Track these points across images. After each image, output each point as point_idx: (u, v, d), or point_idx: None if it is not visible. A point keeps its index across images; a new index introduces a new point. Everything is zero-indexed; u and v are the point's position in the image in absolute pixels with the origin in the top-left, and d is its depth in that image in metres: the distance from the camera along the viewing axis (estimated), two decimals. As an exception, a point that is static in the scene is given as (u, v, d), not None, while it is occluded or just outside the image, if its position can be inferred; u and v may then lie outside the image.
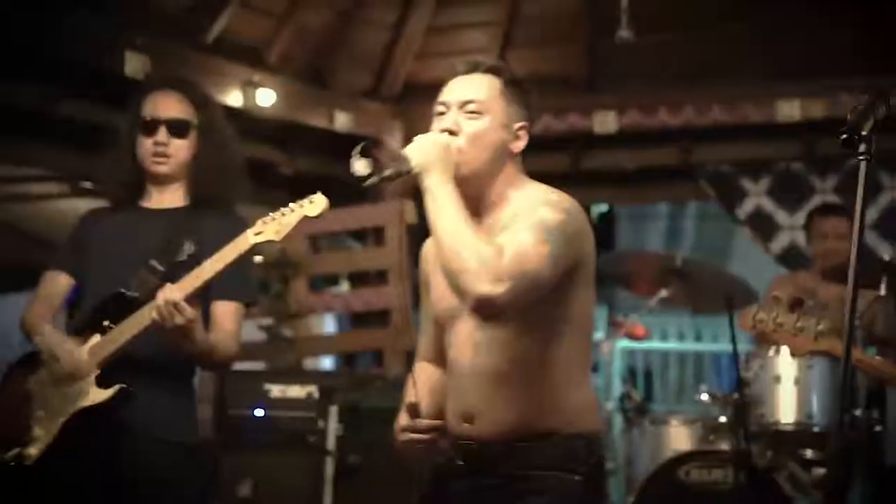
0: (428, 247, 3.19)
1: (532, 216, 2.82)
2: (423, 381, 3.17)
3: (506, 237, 2.78)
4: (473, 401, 2.94)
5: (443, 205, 2.78)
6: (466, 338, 2.96)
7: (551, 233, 2.79)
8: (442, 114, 3.00)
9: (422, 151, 2.84)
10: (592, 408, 3.05)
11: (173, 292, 3.31)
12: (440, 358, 3.18)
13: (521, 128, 3.02)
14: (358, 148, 2.92)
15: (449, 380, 3.06)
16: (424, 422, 3.01)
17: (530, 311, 2.83)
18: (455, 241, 2.73)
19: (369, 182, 2.89)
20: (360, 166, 2.89)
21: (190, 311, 3.30)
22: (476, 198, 2.96)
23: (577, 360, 2.98)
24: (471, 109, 2.95)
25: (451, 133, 2.93)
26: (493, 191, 2.98)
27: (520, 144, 3.02)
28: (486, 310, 2.76)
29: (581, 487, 2.90)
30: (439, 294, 3.04)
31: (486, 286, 2.68)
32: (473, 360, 2.95)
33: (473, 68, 3.04)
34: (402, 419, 3.06)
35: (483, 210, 2.97)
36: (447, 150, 2.87)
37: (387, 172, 2.86)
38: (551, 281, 2.80)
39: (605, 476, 3.06)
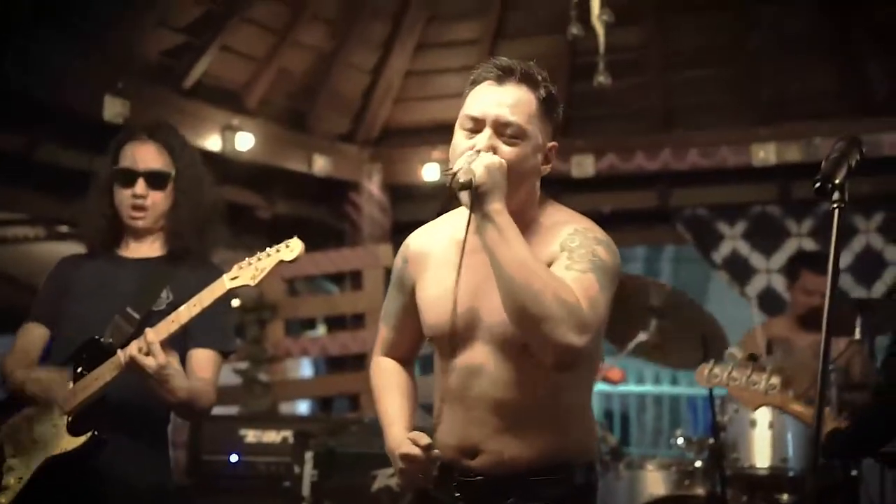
0: (414, 248, 3.01)
1: (589, 254, 2.69)
2: (397, 387, 3.05)
3: (568, 275, 2.64)
4: (480, 436, 2.80)
5: (509, 236, 2.60)
6: (477, 367, 2.79)
7: (607, 276, 2.70)
8: (470, 129, 2.78)
9: (488, 173, 2.62)
10: (593, 434, 2.99)
11: (149, 334, 3.29)
12: (407, 356, 3.10)
13: (551, 148, 2.85)
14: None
15: (447, 408, 2.87)
16: (424, 454, 2.75)
17: None
18: (531, 280, 2.56)
19: (441, 178, 2.72)
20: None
21: (162, 356, 3.27)
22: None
23: (587, 393, 2.93)
24: (510, 133, 2.74)
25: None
26: (526, 215, 2.80)
27: (549, 166, 2.86)
28: (568, 359, 2.59)
29: None
30: (440, 314, 2.83)
31: (573, 337, 2.54)
32: (485, 393, 2.79)
33: (508, 74, 2.81)
34: (403, 446, 2.80)
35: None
36: (505, 178, 2.66)
37: (460, 178, 2.63)
38: (605, 324, 2.72)
39: (596, 501, 2.94)
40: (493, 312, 2.73)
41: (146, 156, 3.72)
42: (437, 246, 2.94)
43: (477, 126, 2.76)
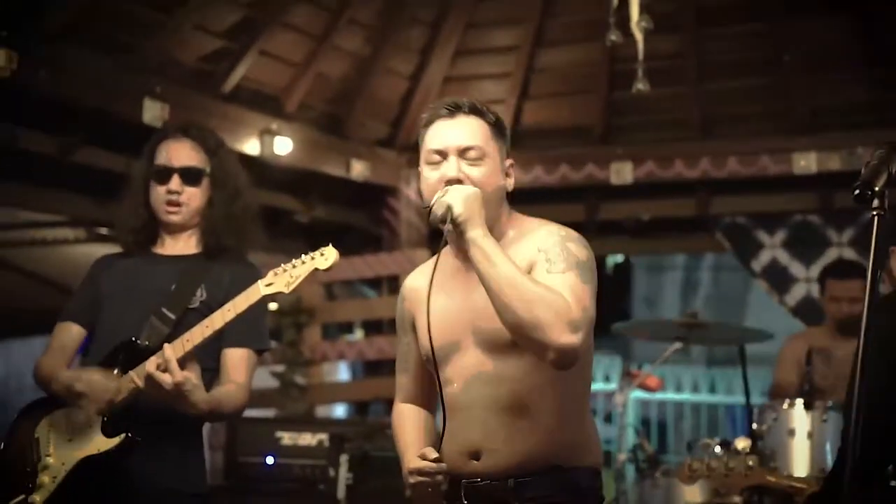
0: (409, 285, 3.21)
1: (564, 252, 2.85)
2: (412, 423, 3.17)
3: (553, 280, 2.78)
4: (481, 436, 2.90)
5: (495, 256, 2.76)
6: (473, 371, 2.91)
7: (587, 270, 2.85)
8: (437, 162, 2.96)
9: (465, 203, 2.81)
10: (596, 439, 3.03)
11: (167, 350, 3.30)
12: (424, 400, 3.19)
13: (510, 165, 3.06)
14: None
15: (449, 418, 2.96)
16: (433, 465, 2.89)
17: None
18: (520, 292, 2.70)
19: (427, 210, 2.88)
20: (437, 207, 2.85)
21: (178, 374, 3.27)
22: None
23: (583, 392, 3.01)
24: (472, 157, 2.94)
25: (458, 182, 2.90)
26: (498, 229, 2.97)
27: (511, 182, 3.06)
28: (569, 359, 2.72)
29: None
30: (434, 331, 2.89)
31: (567, 337, 2.68)
32: (482, 394, 2.90)
33: (456, 109, 3.00)
34: (413, 462, 2.96)
35: None
36: (480, 203, 2.84)
37: (436, 211, 2.83)
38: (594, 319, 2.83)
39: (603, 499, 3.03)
40: (486, 319, 2.85)
41: (181, 152, 3.75)
42: (428, 280, 2.98)
43: (441, 157, 2.96)
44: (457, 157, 2.93)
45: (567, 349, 2.69)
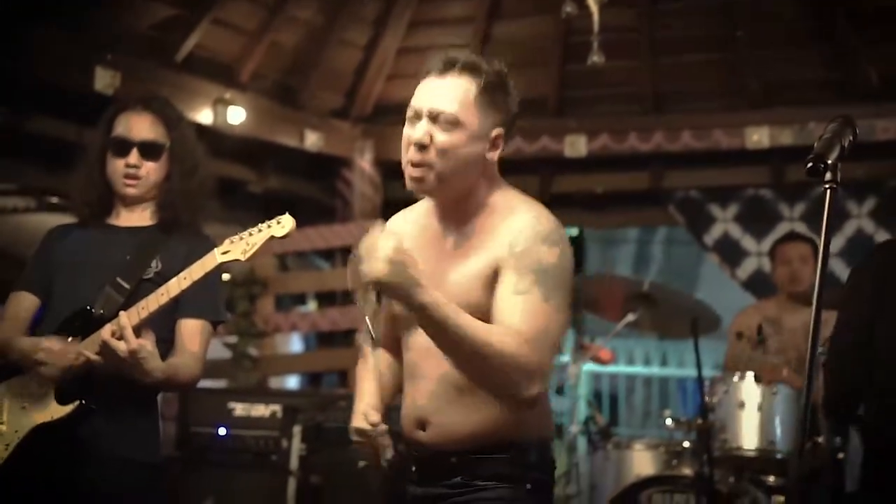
0: (392, 229, 2.99)
1: (529, 263, 2.75)
2: (372, 370, 3.09)
3: (511, 307, 2.71)
4: (429, 408, 2.89)
5: (439, 317, 2.63)
6: (429, 343, 2.78)
7: (553, 278, 2.76)
8: (412, 119, 2.87)
9: (391, 267, 2.61)
10: (546, 414, 2.98)
11: (122, 318, 3.28)
12: (392, 346, 3.12)
13: (497, 135, 2.89)
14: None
15: (406, 385, 2.98)
16: (371, 429, 2.89)
17: None
18: (475, 357, 2.65)
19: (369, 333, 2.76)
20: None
21: (133, 341, 3.26)
22: (454, 205, 2.91)
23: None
24: (443, 121, 2.81)
25: (422, 146, 2.82)
26: (471, 199, 2.89)
27: (496, 153, 2.90)
28: (529, 405, 2.74)
29: (533, 496, 2.87)
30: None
31: (532, 389, 2.69)
32: (433, 366, 2.85)
33: (449, 67, 2.86)
34: (356, 420, 2.97)
35: (462, 217, 2.90)
36: (403, 255, 2.64)
37: (370, 320, 2.74)
38: (565, 328, 2.82)
39: (553, 472, 3.00)
40: (449, 295, 2.74)
41: (141, 126, 3.71)
42: (409, 232, 2.97)
43: (417, 117, 2.85)
44: (428, 119, 2.82)
45: (526, 401, 2.71)
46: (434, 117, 2.82)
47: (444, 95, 2.83)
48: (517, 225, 2.82)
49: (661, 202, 8.71)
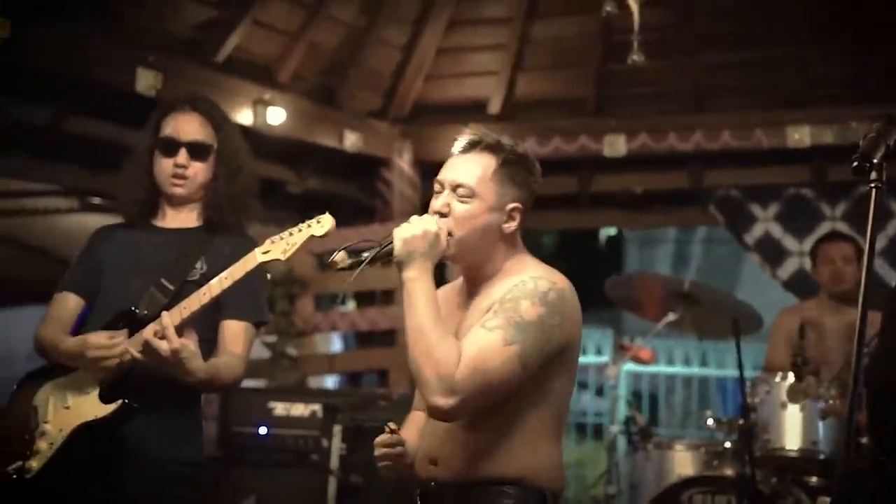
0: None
1: (511, 310, 2.87)
2: (413, 425, 3.24)
3: (474, 336, 2.86)
4: (437, 444, 3.02)
5: (413, 301, 2.88)
6: None
7: (524, 331, 2.85)
8: (437, 192, 3.08)
9: (407, 241, 2.92)
10: (554, 466, 3.04)
11: (164, 318, 3.31)
12: None
13: (514, 209, 3.06)
14: (341, 250, 3.00)
15: (423, 429, 3.12)
16: (391, 437, 3.10)
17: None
18: (417, 344, 2.83)
19: (346, 268, 3.00)
20: (339, 257, 2.98)
21: (176, 341, 3.28)
22: (475, 272, 3.09)
23: (549, 423, 3.02)
24: (461, 193, 3.01)
25: (442, 215, 3.02)
26: (489, 266, 3.07)
27: (513, 225, 3.06)
28: (439, 416, 2.85)
29: None
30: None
31: (437, 398, 2.78)
32: None
33: (473, 146, 3.09)
34: (380, 437, 3.15)
35: (479, 284, 3.08)
36: (434, 241, 2.93)
37: (365, 255, 2.99)
38: (519, 379, 2.86)
39: None
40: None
41: (189, 126, 3.74)
42: (445, 297, 3.17)
43: (441, 189, 3.08)
44: (450, 190, 3.04)
45: (436, 409, 2.81)
46: (454, 188, 3.03)
47: (464, 170, 3.05)
48: (513, 282, 2.96)
49: (700, 202, 8.66)
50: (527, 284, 2.94)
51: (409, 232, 2.93)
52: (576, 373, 3.11)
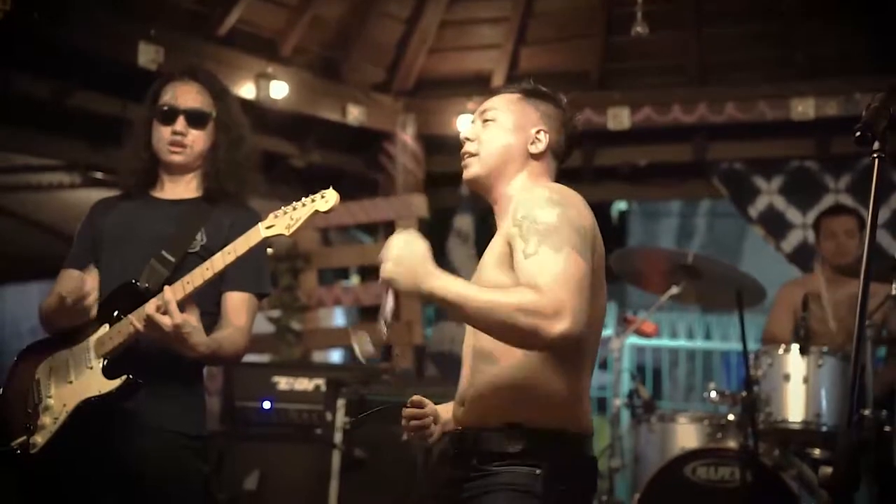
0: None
1: (530, 228, 2.79)
2: None
3: (524, 265, 2.74)
4: (465, 384, 3.02)
5: (456, 298, 2.69)
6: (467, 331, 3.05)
7: (559, 235, 2.77)
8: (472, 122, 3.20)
9: (395, 264, 2.72)
10: (577, 405, 2.93)
11: (167, 292, 3.30)
12: None
13: (539, 131, 3.12)
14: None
15: (465, 367, 3.08)
16: (417, 410, 3.14)
17: None
18: (493, 318, 2.66)
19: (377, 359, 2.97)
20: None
21: (178, 316, 3.27)
22: (500, 200, 3.07)
23: (574, 355, 2.89)
24: (486, 117, 3.13)
25: (468, 140, 3.13)
26: (510, 187, 3.07)
27: (540, 145, 3.11)
28: (567, 342, 2.68)
29: (541, 483, 2.81)
30: None
31: (552, 328, 2.63)
32: (473, 342, 3.00)
33: (506, 89, 3.25)
34: (407, 410, 3.17)
35: (501, 210, 3.05)
36: (413, 241, 2.76)
37: (385, 331, 2.96)
38: (588, 277, 2.77)
39: (582, 474, 2.96)
40: (484, 285, 2.86)
41: (188, 94, 3.75)
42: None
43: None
44: (478, 118, 3.17)
45: (558, 339, 2.63)
46: (481, 114, 3.16)
47: (491, 100, 3.20)
48: (516, 203, 2.92)
49: (704, 174, 8.64)
50: (531, 195, 2.90)
51: (393, 253, 2.73)
52: (605, 300, 3.02)
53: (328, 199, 3.26)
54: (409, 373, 6.65)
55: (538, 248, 2.75)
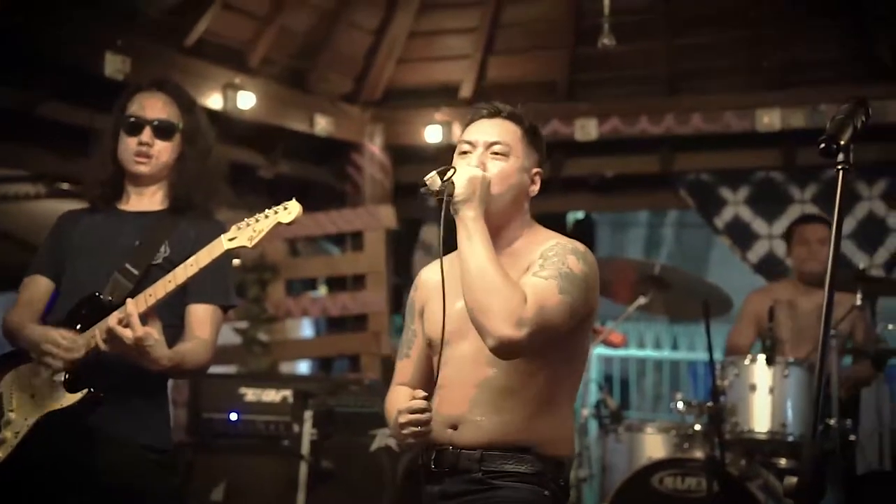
0: (423, 276, 3.36)
1: (559, 263, 2.98)
2: (405, 397, 3.18)
3: (531, 281, 2.94)
4: (464, 409, 3.06)
5: (476, 240, 2.93)
6: (471, 354, 3.06)
7: (573, 283, 2.97)
8: (466, 152, 3.16)
9: (467, 183, 2.96)
10: (569, 436, 3.16)
11: (129, 305, 3.28)
12: (421, 386, 3.22)
13: (536, 173, 3.23)
14: (439, 171, 3.00)
15: (437, 396, 3.12)
16: (421, 402, 3.01)
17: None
18: (484, 280, 2.88)
19: (421, 191, 2.98)
20: (429, 179, 2.97)
21: (139, 329, 3.24)
22: (495, 232, 3.08)
23: (567, 392, 3.14)
24: (497, 151, 3.13)
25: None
26: (509, 231, 3.16)
27: (535, 188, 3.22)
28: (504, 350, 2.88)
29: (550, 503, 3.03)
30: (444, 315, 3.05)
31: (508, 329, 2.83)
32: (474, 373, 3.07)
33: (496, 113, 3.21)
34: (410, 403, 3.05)
35: (499, 247, 3.08)
36: (488, 188, 3.01)
37: (435, 188, 2.96)
38: (566, 328, 2.97)
39: (567, 499, 3.16)
40: None
41: (155, 106, 3.73)
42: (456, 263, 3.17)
43: (471, 148, 3.17)
44: (484, 149, 3.14)
45: (505, 340, 2.84)
46: (489, 146, 3.14)
47: (498, 130, 3.18)
48: (551, 244, 3.09)
49: (671, 185, 8.68)
50: (566, 245, 3.07)
51: (468, 174, 2.98)
52: (589, 344, 3.24)
53: (291, 210, 3.26)
54: (378, 383, 6.63)
55: (548, 278, 2.95)
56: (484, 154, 3.13)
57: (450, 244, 3.04)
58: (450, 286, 3.04)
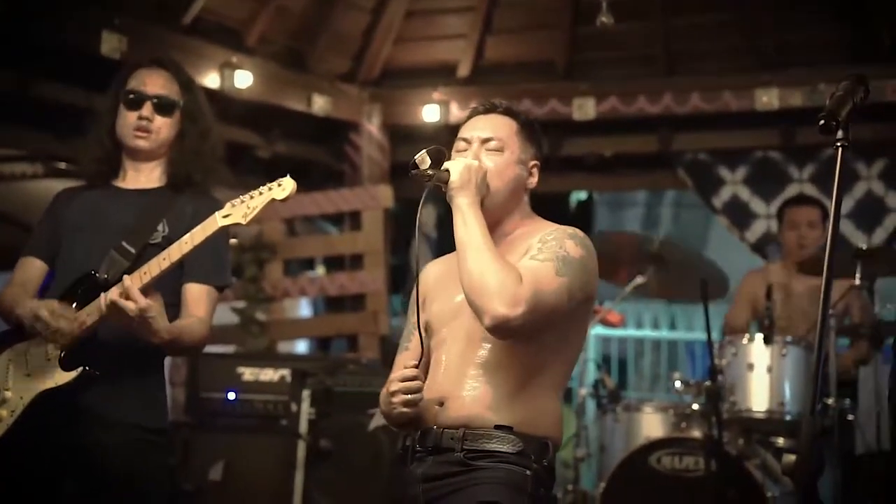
0: (430, 267, 3.45)
1: (556, 247, 3.04)
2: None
3: (528, 263, 3.00)
4: (451, 385, 3.10)
5: (471, 225, 3.02)
6: (464, 333, 3.12)
7: (571, 266, 3.03)
8: (463, 150, 3.24)
9: (464, 171, 3.06)
10: (556, 419, 3.16)
11: (126, 280, 3.27)
12: (421, 375, 3.21)
13: (534, 165, 3.29)
14: (430, 150, 3.10)
15: (430, 377, 3.17)
16: (413, 371, 3.09)
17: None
18: (479, 261, 2.96)
19: (413, 172, 3.05)
20: (419, 158, 3.04)
21: (142, 300, 3.25)
22: (494, 226, 3.14)
23: (558, 375, 3.17)
24: (492, 147, 3.20)
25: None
26: (507, 223, 3.22)
27: (533, 180, 3.29)
28: (500, 329, 2.94)
29: (531, 483, 3.01)
30: (443, 298, 3.22)
31: (503, 308, 2.89)
32: (464, 351, 3.12)
33: (491, 108, 3.29)
34: (400, 373, 3.12)
35: (497, 239, 3.13)
36: (485, 178, 3.11)
37: (429, 171, 3.05)
38: (563, 311, 3.02)
39: (553, 482, 3.16)
40: None
41: (156, 82, 3.74)
42: (446, 265, 3.33)
43: (467, 145, 3.25)
44: (479, 145, 3.21)
45: (500, 318, 2.90)
46: (484, 142, 3.21)
47: (492, 125, 3.26)
48: (549, 229, 3.16)
49: (669, 165, 8.66)
50: (565, 230, 3.14)
51: (466, 163, 3.08)
52: (587, 331, 3.30)
53: (285, 187, 3.26)
54: (376, 363, 6.63)
55: (545, 260, 3.01)
56: (479, 150, 3.20)
57: (449, 244, 3.10)
58: (449, 281, 3.15)
